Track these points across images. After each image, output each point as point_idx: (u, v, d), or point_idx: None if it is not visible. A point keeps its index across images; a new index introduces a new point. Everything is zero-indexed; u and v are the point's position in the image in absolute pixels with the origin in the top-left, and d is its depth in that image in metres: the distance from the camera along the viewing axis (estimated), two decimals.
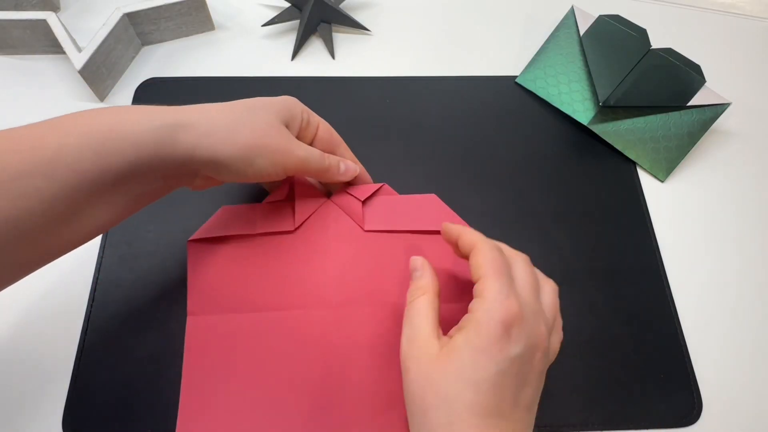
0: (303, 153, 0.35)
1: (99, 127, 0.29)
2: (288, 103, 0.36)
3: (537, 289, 0.31)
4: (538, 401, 0.30)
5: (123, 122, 0.29)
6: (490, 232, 0.43)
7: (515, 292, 0.29)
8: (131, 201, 0.31)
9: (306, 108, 0.37)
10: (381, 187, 0.41)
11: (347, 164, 0.38)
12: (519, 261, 0.32)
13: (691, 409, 0.38)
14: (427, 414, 0.27)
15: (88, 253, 0.41)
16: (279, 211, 0.39)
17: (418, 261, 0.34)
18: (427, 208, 0.41)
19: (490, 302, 0.28)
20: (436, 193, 0.44)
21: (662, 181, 0.47)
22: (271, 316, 0.37)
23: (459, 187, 0.45)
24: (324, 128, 0.38)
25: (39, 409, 0.36)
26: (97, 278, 0.40)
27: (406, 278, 0.35)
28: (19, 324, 0.39)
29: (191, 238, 0.38)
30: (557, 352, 0.32)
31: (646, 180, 0.47)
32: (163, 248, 0.41)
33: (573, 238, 0.43)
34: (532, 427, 0.29)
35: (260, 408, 0.35)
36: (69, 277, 0.40)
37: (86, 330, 0.38)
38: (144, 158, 0.29)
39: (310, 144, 0.38)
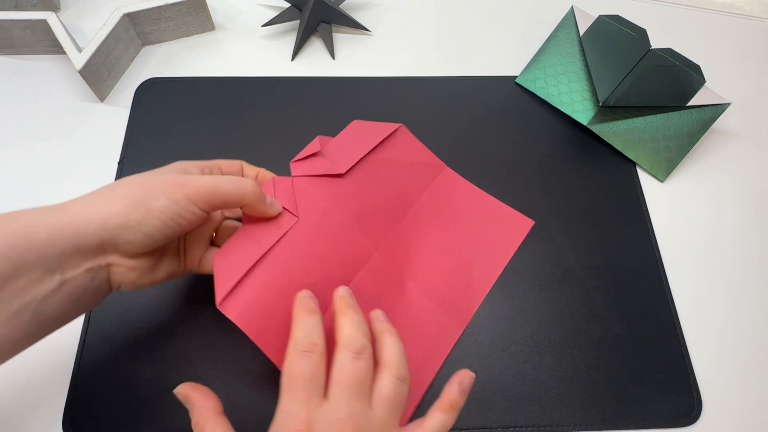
0: (207, 179, 0.30)
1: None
2: (175, 164, 0.33)
3: (362, 389, 0.28)
4: None
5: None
6: None
7: (308, 407, 0.27)
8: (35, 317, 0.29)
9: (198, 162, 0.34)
10: (317, 138, 0.39)
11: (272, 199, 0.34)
12: (347, 353, 0.29)
13: (691, 409, 0.38)
14: None
15: None
16: (269, 221, 0.36)
17: (181, 390, 0.31)
18: (383, 132, 0.42)
19: (277, 419, 0.28)
20: None
21: (662, 181, 0.47)
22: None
23: None
24: (227, 162, 0.35)
25: (39, 409, 0.36)
26: None
27: (411, 185, 0.42)
28: None
29: (218, 303, 0.33)
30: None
31: (645, 180, 0.47)
32: None
33: (573, 238, 0.43)
34: None
35: None
36: None
37: (86, 330, 0.38)
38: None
39: None
